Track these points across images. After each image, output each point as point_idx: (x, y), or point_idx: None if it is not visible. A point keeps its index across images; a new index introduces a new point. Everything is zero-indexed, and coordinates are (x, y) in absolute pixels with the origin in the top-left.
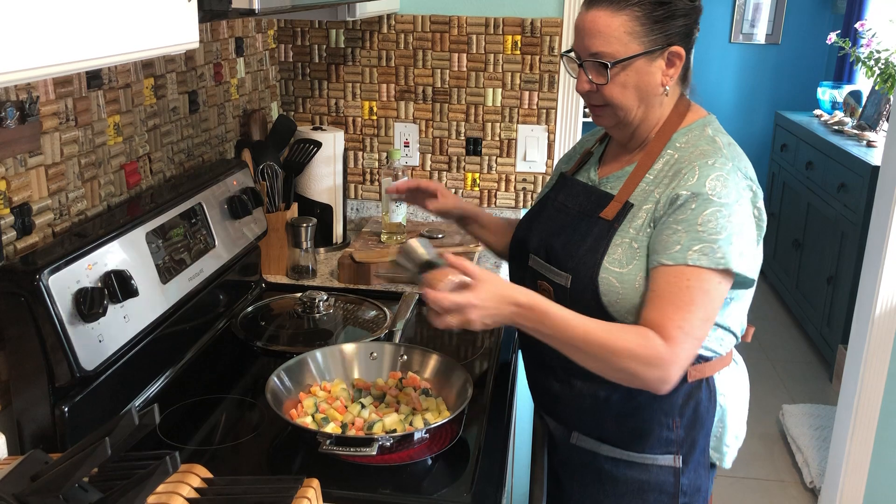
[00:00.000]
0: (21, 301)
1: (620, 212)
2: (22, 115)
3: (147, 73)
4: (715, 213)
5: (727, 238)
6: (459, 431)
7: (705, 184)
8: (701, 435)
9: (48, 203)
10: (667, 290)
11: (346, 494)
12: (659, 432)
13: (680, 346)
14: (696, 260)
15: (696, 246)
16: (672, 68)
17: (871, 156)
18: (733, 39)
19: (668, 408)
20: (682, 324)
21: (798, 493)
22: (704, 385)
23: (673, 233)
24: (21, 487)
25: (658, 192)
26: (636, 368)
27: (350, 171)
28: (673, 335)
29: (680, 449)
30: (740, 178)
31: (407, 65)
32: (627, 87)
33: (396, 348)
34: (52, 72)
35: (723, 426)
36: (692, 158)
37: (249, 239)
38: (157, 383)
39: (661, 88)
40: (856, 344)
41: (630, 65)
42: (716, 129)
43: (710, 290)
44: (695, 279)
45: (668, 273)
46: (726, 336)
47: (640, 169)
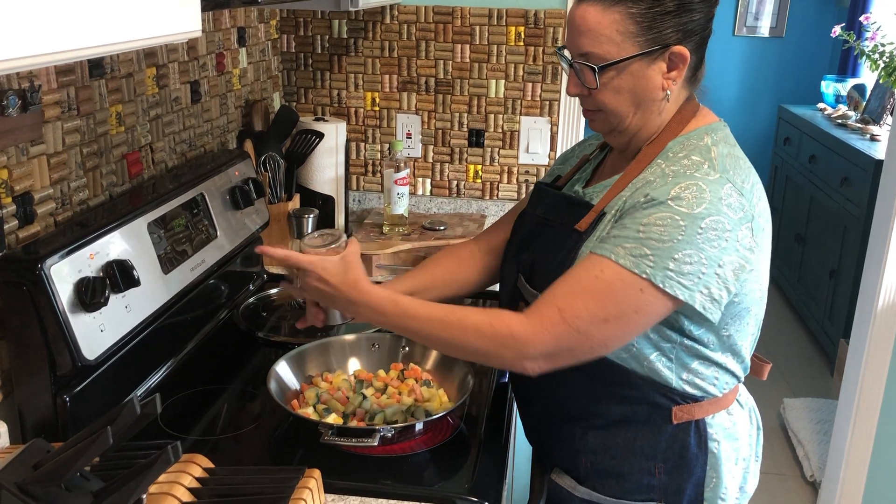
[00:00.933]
0: (23, 290)
1: (593, 222)
2: (24, 104)
3: (149, 63)
4: (666, 219)
5: (667, 249)
6: (461, 423)
7: (671, 190)
8: (688, 483)
9: (50, 192)
10: (574, 271)
11: (348, 485)
12: (639, 477)
13: (547, 326)
14: (620, 257)
15: (627, 244)
16: (675, 71)
17: (874, 150)
18: (737, 32)
19: (649, 450)
20: (564, 306)
21: (798, 487)
22: (693, 428)
23: (615, 227)
24: (23, 476)
25: (625, 197)
26: (483, 346)
27: (352, 163)
28: (545, 312)
29: (663, 497)
30: (727, 192)
31: (409, 56)
32: (621, 91)
33: (398, 339)
34: (53, 59)
35: (717, 476)
36: (677, 170)
37: (251, 230)
38: (159, 373)
39: (662, 93)
40: (858, 338)
41: (625, 68)
42: (718, 138)
43: (622, 290)
44: (610, 273)
45: (588, 259)
46: (721, 375)
47: (625, 178)
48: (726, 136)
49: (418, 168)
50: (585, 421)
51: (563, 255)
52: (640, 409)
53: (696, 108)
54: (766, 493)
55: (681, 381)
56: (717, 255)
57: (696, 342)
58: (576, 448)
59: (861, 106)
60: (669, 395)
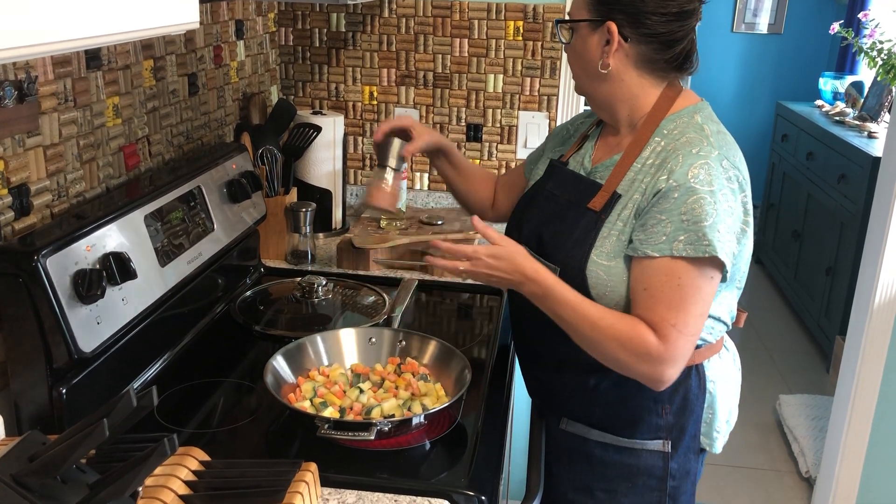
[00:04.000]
0: (19, 282)
1: (608, 202)
2: (20, 95)
3: (146, 55)
4: (698, 200)
5: (712, 225)
6: (457, 417)
7: (688, 172)
8: (690, 421)
9: (46, 184)
10: (658, 288)
11: (344, 478)
12: (648, 419)
13: (673, 344)
14: (682, 251)
15: (681, 236)
16: (609, 46)
17: (871, 147)
18: (735, 29)
19: (657, 395)
20: (676, 322)
21: (794, 483)
22: (694, 372)
23: (657, 223)
24: (19, 468)
25: (645, 183)
26: (626, 359)
27: (350, 157)
28: (666, 333)
29: (669, 434)
30: (726, 167)
31: (408, 49)
32: (575, 53)
33: (395, 334)
34: (50, 49)
35: (712, 412)
36: (677, 147)
37: (248, 223)
38: (155, 366)
39: (600, 64)
40: (854, 335)
41: (577, 29)
42: (706, 116)
43: (702, 285)
44: (685, 276)
45: (656, 269)
46: (716, 325)
47: (628, 157)
48: (711, 114)
49: (416, 162)
50: (598, 372)
51: (579, 233)
52: None
53: (679, 90)
54: (761, 490)
55: None
56: (732, 223)
57: None
58: (589, 398)
59: (859, 103)
60: None
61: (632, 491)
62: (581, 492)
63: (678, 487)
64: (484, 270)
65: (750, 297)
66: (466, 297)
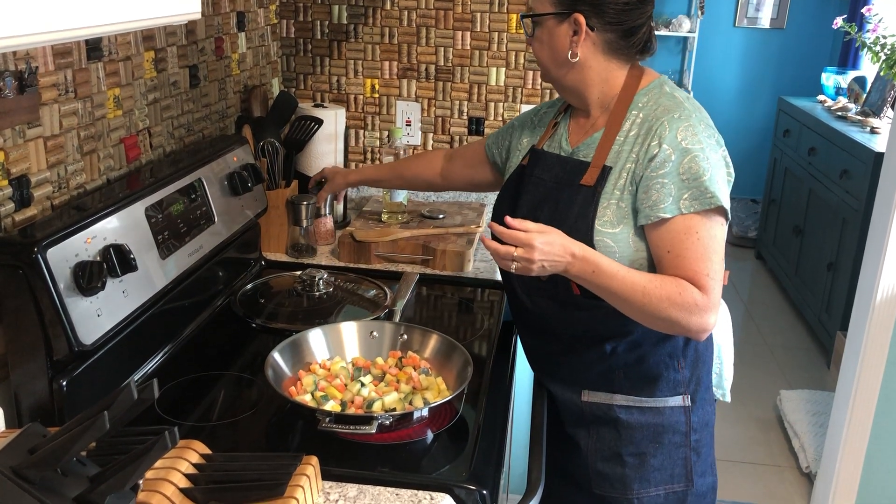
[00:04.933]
0: (19, 274)
1: (600, 176)
2: (20, 86)
3: (147, 46)
4: (693, 159)
5: (711, 178)
6: (459, 411)
7: (677, 136)
8: (704, 372)
9: (47, 175)
10: (681, 247)
11: (345, 472)
12: (667, 375)
13: (712, 291)
14: (689, 207)
15: (685, 194)
16: (577, 36)
17: (874, 142)
18: (737, 24)
19: (672, 350)
20: (708, 271)
21: (794, 478)
22: None
23: (661, 187)
24: (19, 460)
25: (635, 152)
26: (677, 316)
27: (351, 150)
28: (704, 283)
29: (687, 388)
30: (706, 127)
31: (410, 42)
32: (543, 44)
33: (396, 327)
34: (51, 38)
35: (720, 361)
36: (658, 115)
37: (249, 216)
38: (156, 359)
39: (569, 54)
40: (855, 331)
41: (542, 22)
42: (672, 86)
43: (716, 233)
44: (701, 229)
45: (673, 230)
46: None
47: (610, 132)
48: (674, 85)
49: None
50: (615, 338)
51: (578, 208)
52: None
53: (642, 69)
54: (761, 485)
55: None
56: (723, 175)
57: None
58: (607, 365)
59: (861, 98)
60: None
61: (659, 451)
62: (609, 460)
63: (700, 440)
64: (538, 257)
65: (751, 292)
66: (468, 290)
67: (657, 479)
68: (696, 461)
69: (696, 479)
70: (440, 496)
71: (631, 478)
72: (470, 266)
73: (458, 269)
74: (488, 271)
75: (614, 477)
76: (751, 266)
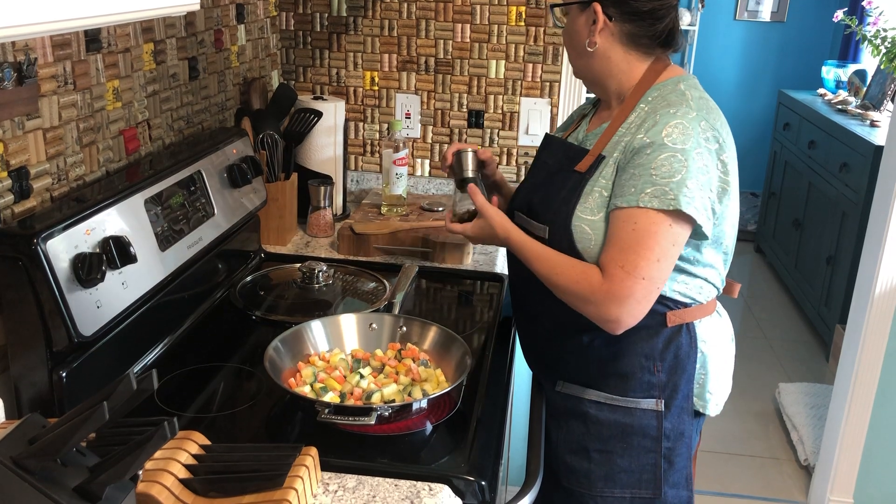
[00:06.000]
0: (19, 265)
1: (593, 164)
2: (19, 77)
3: (147, 38)
4: (669, 157)
5: (679, 182)
6: (458, 403)
7: (662, 130)
8: (682, 380)
9: (46, 167)
10: (615, 233)
11: (344, 463)
12: (641, 376)
13: (619, 283)
14: (647, 202)
15: (648, 189)
16: (595, 25)
17: (874, 136)
18: (738, 17)
19: (649, 351)
20: (624, 263)
21: (792, 471)
22: (685, 330)
23: (629, 177)
24: (19, 450)
25: (624, 142)
26: (575, 302)
27: (350, 142)
28: (611, 272)
29: (662, 393)
30: (704, 128)
31: (409, 35)
32: (568, 33)
33: (395, 320)
34: (49, 29)
35: (705, 373)
36: (657, 108)
37: (249, 208)
38: (155, 351)
39: (587, 43)
40: (854, 324)
41: (568, 12)
42: (689, 84)
43: (659, 231)
44: (642, 220)
45: (620, 216)
46: (705, 286)
47: (615, 123)
48: (696, 83)
49: (417, 148)
50: (591, 331)
51: (565, 193)
52: None
53: (666, 63)
54: (759, 477)
55: (673, 291)
56: (708, 181)
57: (683, 261)
58: (583, 357)
59: (861, 92)
60: (664, 302)
61: (627, 452)
62: (577, 454)
63: (673, 449)
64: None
65: (750, 285)
66: (467, 283)
67: (624, 482)
68: (668, 470)
69: (667, 489)
70: (439, 487)
71: (596, 474)
72: (469, 259)
73: (457, 261)
74: (487, 264)
75: (580, 471)
76: (750, 259)
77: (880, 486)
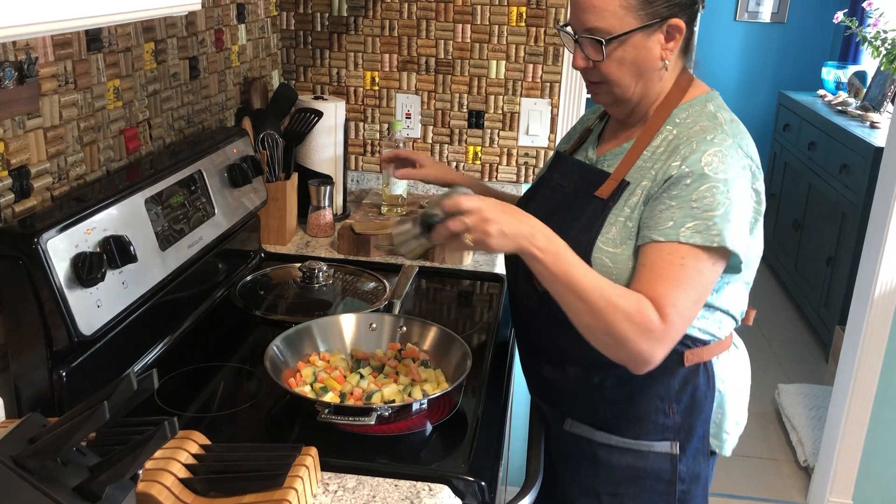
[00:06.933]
0: (19, 264)
1: (616, 190)
2: (20, 76)
3: (147, 38)
4: (711, 188)
5: (723, 215)
6: (458, 403)
7: (701, 159)
8: (699, 421)
9: (47, 166)
10: (659, 265)
11: (344, 463)
12: (655, 418)
13: (672, 325)
14: (689, 238)
15: (689, 223)
16: (672, 42)
17: (874, 137)
18: (738, 18)
19: (664, 393)
20: (676, 302)
21: (791, 472)
22: (702, 370)
23: (666, 208)
24: (19, 450)
25: (655, 169)
26: (628, 332)
27: (351, 142)
28: (667, 313)
29: (677, 435)
30: (740, 156)
31: (410, 35)
32: (624, 63)
33: (396, 320)
34: (50, 28)
35: (722, 412)
36: (691, 134)
37: (249, 208)
38: (156, 350)
39: (661, 63)
40: (854, 325)
41: (627, 40)
42: (718, 105)
43: (704, 270)
44: (690, 258)
45: (660, 249)
46: (725, 319)
47: (639, 145)
48: (722, 102)
49: (417, 148)
50: (604, 370)
51: (585, 221)
52: None
53: (690, 78)
54: (759, 478)
55: (692, 327)
56: (745, 212)
57: None
58: (593, 396)
59: (861, 93)
60: (682, 341)
61: (639, 495)
62: (588, 495)
63: (688, 492)
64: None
65: None
66: (467, 283)
67: None
68: None
69: None
70: (439, 487)
71: None
72: (469, 259)
73: (457, 261)
74: (487, 264)
75: None
76: None
77: (880, 486)
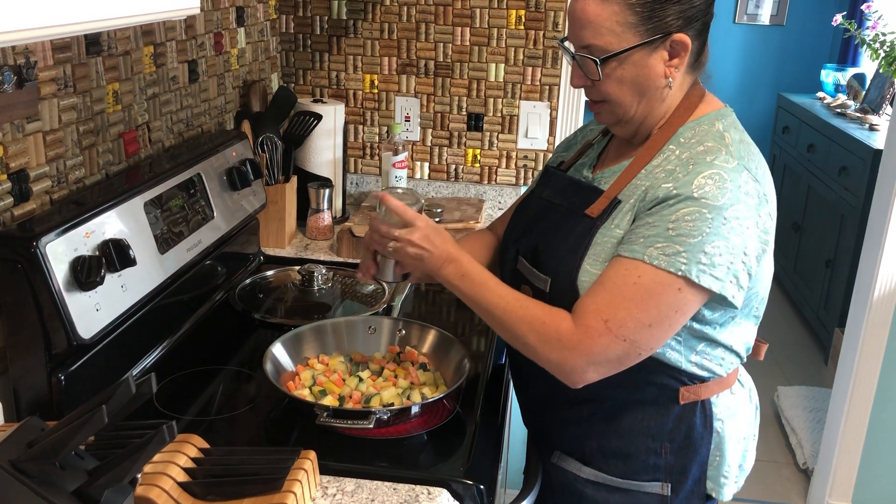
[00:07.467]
0: (18, 268)
1: (607, 208)
2: (19, 80)
3: (147, 41)
4: (694, 213)
5: (698, 244)
6: (456, 406)
7: (694, 181)
8: (694, 463)
9: (46, 170)
10: (610, 279)
11: (343, 467)
12: (646, 458)
13: (594, 338)
14: (653, 258)
15: (659, 243)
16: (676, 59)
17: (873, 139)
18: (737, 20)
19: (656, 431)
20: (610, 317)
21: (791, 474)
22: (699, 408)
23: (642, 225)
24: (18, 454)
25: (646, 188)
26: (534, 342)
27: (350, 145)
28: (590, 323)
29: (668, 476)
30: (745, 180)
31: (409, 38)
32: (624, 82)
33: (395, 323)
34: (50, 33)
35: (720, 454)
36: (693, 156)
37: (248, 211)
38: (155, 354)
39: (665, 81)
40: (853, 327)
41: (626, 58)
42: (728, 124)
43: (663, 294)
44: (646, 276)
45: (620, 264)
46: (727, 356)
47: (637, 164)
48: (734, 121)
49: (417, 151)
50: (592, 403)
51: (573, 240)
52: (649, 390)
53: (702, 94)
54: (759, 481)
55: (689, 362)
56: (742, 244)
57: (706, 325)
58: (582, 430)
59: (860, 95)
60: (678, 377)
61: None
62: None
63: None
64: (418, 239)
65: None
66: None
67: None
68: None
69: None
70: (437, 491)
71: None
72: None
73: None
74: None
75: None
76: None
77: (879, 489)
